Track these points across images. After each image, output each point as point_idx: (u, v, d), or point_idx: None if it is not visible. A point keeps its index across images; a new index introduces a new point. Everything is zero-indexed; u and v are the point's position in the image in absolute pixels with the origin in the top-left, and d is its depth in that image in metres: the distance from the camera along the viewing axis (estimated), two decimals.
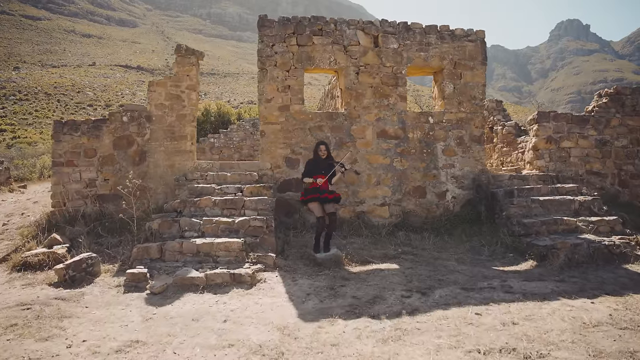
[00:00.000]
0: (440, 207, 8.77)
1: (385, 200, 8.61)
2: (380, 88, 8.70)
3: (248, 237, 6.42)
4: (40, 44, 76.60)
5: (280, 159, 8.45)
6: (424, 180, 8.75)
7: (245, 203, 7.01)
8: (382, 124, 8.69)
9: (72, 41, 79.05)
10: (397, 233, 8.24)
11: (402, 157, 8.70)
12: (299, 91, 8.53)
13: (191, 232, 6.47)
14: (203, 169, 8.38)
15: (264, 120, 8.47)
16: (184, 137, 8.40)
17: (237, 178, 7.98)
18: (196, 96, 8.57)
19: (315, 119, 8.55)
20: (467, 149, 8.90)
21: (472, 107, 8.95)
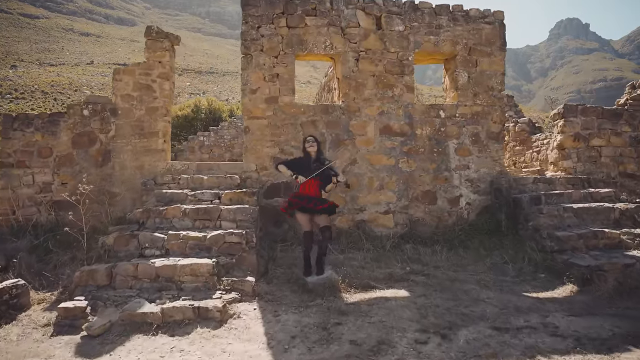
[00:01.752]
0: (452, 214, 7.48)
1: (389, 207, 7.32)
2: (383, 77, 7.40)
3: (223, 256, 5.14)
4: (38, 42, 75.25)
5: (267, 159, 7.17)
6: (434, 183, 7.46)
7: (222, 213, 5.72)
8: (385, 118, 7.40)
9: (71, 40, 77.73)
10: (404, 246, 6.95)
11: (409, 157, 7.41)
12: (289, 80, 7.24)
13: (152, 249, 5.19)
14: (177, 171, 7.09)
15: (248, 114, 7.18)
16: (155, 133, 7.11)
17: (215, 182, 6.69)
18: (170, 86, 7.28)
19: (307, 112, 7.26)
20: (483, 148, 7.61)
21: (490, 99, 7.66)
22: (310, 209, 5.21)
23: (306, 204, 5.20)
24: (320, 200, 5.31)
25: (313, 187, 5.35)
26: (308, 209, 5.22)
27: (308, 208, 5.21)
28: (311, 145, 5.49)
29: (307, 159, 5.42)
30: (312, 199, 5.25)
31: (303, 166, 5.36)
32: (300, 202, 5.23)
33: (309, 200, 5.23)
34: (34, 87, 51.40)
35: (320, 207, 5.23)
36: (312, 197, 5.27)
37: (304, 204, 5.20)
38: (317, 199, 5.29)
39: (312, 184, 5.32)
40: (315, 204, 5.22)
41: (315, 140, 5.55)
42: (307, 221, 5.32)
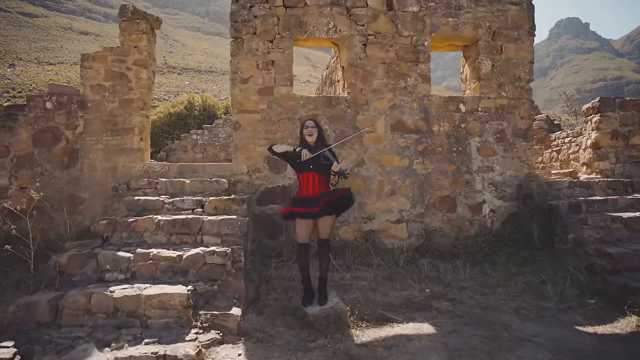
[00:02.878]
0: (474, 223, 6.42)
1: (402, 215, 6.26)
2: (395, 65, 6.34)
3: (202, 281, 4.08)
4: (37, 41, 74.06)
5: (261, 159, 6.10)
6: (454, 188, 6.40)
7: (204, 225, 4.66)
8: (397, 112, 6.34)
9: (70, 38, 76.56)
10: (420, 261, 5.89)
11: (425, 157, 6.35)
12: (285, 68, 6.17)
13: (114, 273, 4.12)
14: (155, 173, 6.02)
15: (239, 107, 6.11)
16: (130, 130, 6.04)
17: (199, 187, 5.62)
18: (149, 75, 6.21)
19: (307, 105, 6.19)
20: (509, 147, 6.54)
21: (516, 91, 6.59)
22: (313, 214, 4.12)
23: (304, 209, 4.11)
24: (325, 194, 4.20)
25: (313, 183, 4.24)
26: (310, 215, 4.13)
27: (310, 213, 4.11)
28: (310, 132, 4.31)
29: (305, 146, 4.33)
30: (314, 200, 4.14)
31: (300, 157, 4.28)
32: (296, 207, 4.15)
33: (308, 203, 4.13)
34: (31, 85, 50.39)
35: (323, 202, 4.09)
36: (315, 198, 4.17)
37: (302, 209, 4.11)
38: (318, 196, 4.18)
39: (314, 180, 4.23)
40: (316, 203, 4.11)
41: (315, 126, 4.37)
42: (305, 230, 4.23)
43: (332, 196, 4.18)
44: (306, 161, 4.17)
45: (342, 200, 4.25)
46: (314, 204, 4.10)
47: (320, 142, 4.37)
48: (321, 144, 4.34)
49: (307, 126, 4.36)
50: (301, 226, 4.23)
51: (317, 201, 4.11)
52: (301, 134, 4.39)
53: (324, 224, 4.19)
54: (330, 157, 4.17)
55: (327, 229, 4.21)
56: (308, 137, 4.31)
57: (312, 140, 4.32)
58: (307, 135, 4.32)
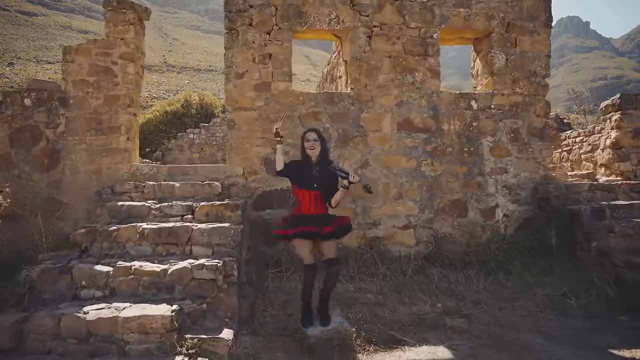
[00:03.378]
0: (487, 229, 5.95)
1: (409, 220, 5.79)
2: (402, 59, 5.86)
3: (189, 299, 3.60)
4: (36, 39, 73.58)
5: (258, 161, 5.63)
6: (465, 191, 5.93)
7: (194, 234, 4.18)
8: (405, 110, 5.86)
9: (69, 37, 75.99)
10: (429, 270, 5.43)
11: (434, 158, 5.88)
12: (284, 62, 5.69)
13: (91, 289, 3.65)
14: (143, 176, 5.55)
15: (234, 104, 5.63)
16: (116, 129, 5.56)
17: (190, 190, 5.15)
18: (136, 70, 5.73)
19: (308, 102, 5.72)
20: (524, 147, 6.07)
21: (532, 87, 6.11)
22: (315, 234, 3.66)
23: (308, 228, 3.65)
24: (326, 219, 3.76)
25: (316, 203, 3.79)
26: (311, 235, 3.67)
27: (312, 233, 3.66)
28: (312, 146, 3.78)
29: (306, 163, 3.87)
30: (316, 219, 3.70)
31: (302, 173, 3.81)
32: (300, 226, 3.68)
33: (311, 221, 3.68)
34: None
35: (328, 230, 3.67)
36: (316, 217, 3.72)
37: (305, 229, 3.65)
38: (322, 217, 3.75)
39: (315, 199, 3.77)
40: (321, 226, 3.66)
41: (318, 138, 3.83)
42: (309, 250, 3.78)
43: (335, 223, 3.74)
44: (310, 178, 3.72)
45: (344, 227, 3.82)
46: (320, 224, 3.65)
47: (323, 158, 3.85)
48: (323, 160, 3.84)
49: (308, 139, 3.82)
50: (303, 246, 3.76)
51: (323, 221, 3.66)
52: (302, 146, 3.87)
53: (326, 246, 3.73)
54: (343, 169, 3.64)
55: (331, 248, 3.74)
56: (310, 150, 3.80)
57: (314, 155, 3.81)
58: (309, 149, 3.80)
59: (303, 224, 3.65)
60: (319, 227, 3.63)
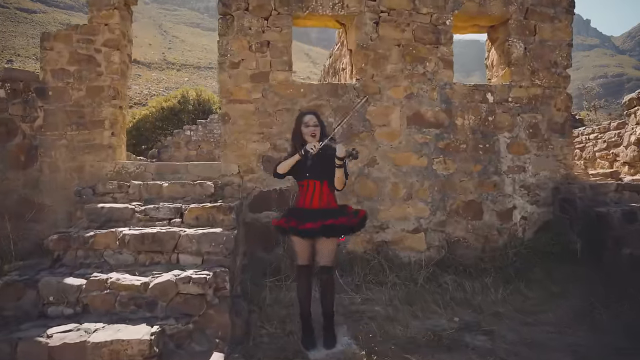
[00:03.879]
0: (503, 233, 5.45)
1: (420, 223, 5.29)
2: (412, 47, 5.35)
3: (173, 317, 3.11)
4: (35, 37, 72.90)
5: (254, 158, 5.12)
6: (480, 191, 5.43)
7: (181, 241, 3.68)
8: (415, 103, 5.35)
9: None
10: (442, 278, 4.94)
11: (447, 155, 5.37)
12: (283, 51, 5.18)
13: (60, 306, 3.15)
14: (129, 174, 5.04)
15: (228, 96, 5.12)
16: (100, 123, 5.06)
17: (179, 191, 4.64)
18: (122, 59, 5.22)
19: (309, 94, 5.21)
20: (544, 144, 5.57)
21: (552, 79, 5.61)
22: (310, 231, 3.17)
23: (304, 226, 3.15)
24: (328, 213, 3.24)
25: (316, 194, 3.28)
26: (306, 232, 3.18)
27: (307, 231, 3.17)
28: (313, 133, 3.28)
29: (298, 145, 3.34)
30: (315, 214, 3.19)
31: (297, 164, 3.29)
32: (293, 220, 3.21)
33: (309, 216, 3.18)
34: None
35: (328, 223, 3.15)
36: (316, 211, 3.22)
37: (297, 225, 3.17)
38: (323, 211, 3.23)
39: (314, 189, 3.26)
40: (318, 218, 3.16)
41: (318, 124, 3.34)
42: (305, 249, 3.28)
43: (337, 216, 3.21)
44: (302, 167, 3.22)
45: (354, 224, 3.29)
46: (312, 219, 3.15)
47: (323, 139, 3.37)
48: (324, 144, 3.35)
49: (307, 123, 3.31)
50: (299, 245, 3.29)
51: (316, 216, 3.16)
52: (298, 132, 3.35)
53: (323, 245, 3.21)
54: (333, 145, 3.16)
55: (328, 252, 3.23)
56: (310, 138, 3.28)
57: (313, 139, 3.31)
58: (310, 135, 3.28)
59: (296, 218, 3.16)
60: (321, 221, 3.12)
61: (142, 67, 62.63)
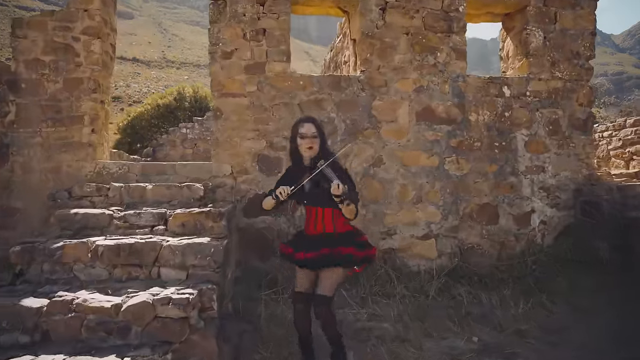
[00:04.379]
0: (521, 239, 4.97)
1: (430, 228, 4.80)
2: (421, 36, 4.86)
3: (149, 346, 2.62)
4: None
5: (249, 157, 4.63)
6: (495, 193, 4.94)
7: (162, 253, 3.19)
8: (425, 97, 4.86)
9: None
10: (455, 289, 4.46)
11: (459, 154, 4.89)
12: (281, 40, 4.68)
13: (14, 333, 2.66)
14: (111, 175, 4.55)
15: (220, 89, 4.63)
16: (79, 119, 4.56)
17: (165, 194, 4.15)
18: (104, 49, 4.72)
19: (309, 87, 4.72)
20: (565, 142, 5.08)
21: (574, 71, 5.12)
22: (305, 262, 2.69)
23: (306, 255, 2.68)
24: (332, 240, 2.74)
25: (319, 219, 2.77)
26: (301, 262, 2.70)
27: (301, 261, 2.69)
28: (310, 144, 2.72)
29: (298, 165, 2.83)
30: (319, 242, 2.71)
31: (293, 178, 2.76)
32: (292, 248, 2.73)
33: (309, 243, 2.70)
34: None
35: (328, 252, 2.67)
36: (321, 238, 2.73)
37: (301, 254, 2.69)
38: (328, 237, 2.75)
39: (317, 214, 2.77)
40: (320, 246, 2.68)
41: (317, 134, 2.75)
42: (303, 276, 2.81)
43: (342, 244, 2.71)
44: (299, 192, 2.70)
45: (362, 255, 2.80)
46: (313, 247, 2.69)
47: (324, 152, 2.79)
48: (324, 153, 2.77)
49: (304, 134, 2.72)
50: (299, 272, 2.84)
51: (317, 243, 2.69)
52: (293, 142, 2.81)
53: (325, 274, 2.72)
54: (330, 175, 2.56)
55: (328, 283, 2.71)
56: (306, 151, 2.73)
57: (310, 155, 2.75)
58: (306, 148, 2.73)
59: (297, 247, 2.69)
60: (315, 251, 2.65)
61: (142, 65, 62.10)
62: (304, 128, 2.75)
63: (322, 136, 2.79)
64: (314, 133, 2.74)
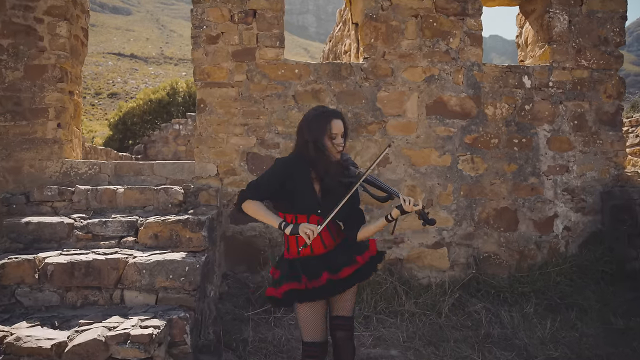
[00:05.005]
0: (543, 247, 4.40)
1: (442, 236, 4.23)
2: (432, 19, 4.27)
3: None
4: None
5: (236, 156, 4.04)
6: (514, 196, 4.37)
7: (127, 272, 2.61)
8: (436, 87, 4.28)
9: None
10: (471, 305, 3.91)
11: (475, 152, 4.31)
12: (273, 22, 4.09)
13: None
14: (80, 176, 3.96)
15: (204, 78, 4.03)
16: (42, 112, 3.97)
17: (139, 198, 3.56)
18: (72, 32, 4.12)
19: (306, 76, 4.12)
20: (591, 138, 4.51)
21: (602, 59, 4.55)
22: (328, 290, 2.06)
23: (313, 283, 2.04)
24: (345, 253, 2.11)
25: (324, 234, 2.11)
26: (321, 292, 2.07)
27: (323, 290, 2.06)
28: (339, 148, 2.10)
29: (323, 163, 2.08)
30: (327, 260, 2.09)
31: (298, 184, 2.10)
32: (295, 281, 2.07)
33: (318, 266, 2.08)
34: None
35: (350, 272, 2.07)
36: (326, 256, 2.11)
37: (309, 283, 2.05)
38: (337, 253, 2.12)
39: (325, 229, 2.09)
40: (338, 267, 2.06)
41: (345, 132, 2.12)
42: (319, 318, 2.10)
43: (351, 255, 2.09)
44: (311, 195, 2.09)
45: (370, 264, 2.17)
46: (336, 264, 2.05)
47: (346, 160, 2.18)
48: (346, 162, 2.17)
49: (334, 134, 2.06)
50: (309, 312, 2.07)
51: (340, 258, 2.07)
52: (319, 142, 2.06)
53: (348, 293, 2.14)
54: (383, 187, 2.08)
55: (351, 301, 2.18)
56: (333, 148, 2.07)
57: (338, 152, 2.11)
58: (336, 152, 2.08)
59: (306, 275, 2.05)
60: (334, 272, 2.05)
61: (139, 61, 61.40)
62: (335, 126, 2.06)
63: (346, 131, 2.14)
64: (343, 131, 2.11)
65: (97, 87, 45.31)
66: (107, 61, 59.11)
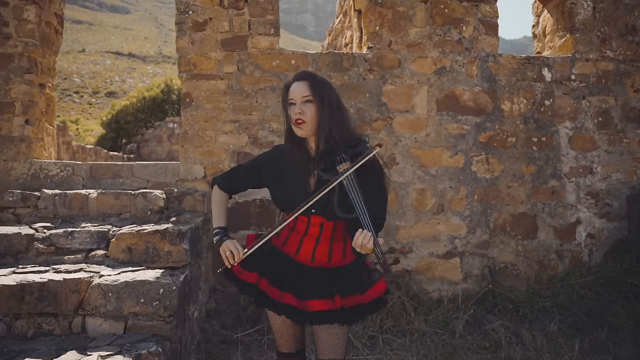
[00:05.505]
0: (564, 256, 3.98)
1: (454, 244, 3.80)
2: (443, 4, 3.83)
3: None
4: None
5: (226, 156, 3.61)
6: (533, 201, 3.94)
7: (89, 295, 2.18)
8: (448, 80, 3.84)
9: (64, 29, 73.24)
10: (488, 322, 3.48)
11: (490, 152, 3.88)
12: (267, 7, 3.65)
13: None
14: (50, 178, 3.52)
15: (190, 69, 3.60)
16: (7, 106, 3.52)
17: (113, 205, 3.12)
18: (42, 17, 3.67)
19: (304, 67, 3.68)
20: (616, 137, 4.08)
21: (629, 49, 4.12)
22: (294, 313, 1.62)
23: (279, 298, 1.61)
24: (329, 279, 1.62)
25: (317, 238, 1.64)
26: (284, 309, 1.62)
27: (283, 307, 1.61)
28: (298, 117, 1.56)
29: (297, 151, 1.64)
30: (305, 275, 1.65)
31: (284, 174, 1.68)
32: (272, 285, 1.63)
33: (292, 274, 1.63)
34: None
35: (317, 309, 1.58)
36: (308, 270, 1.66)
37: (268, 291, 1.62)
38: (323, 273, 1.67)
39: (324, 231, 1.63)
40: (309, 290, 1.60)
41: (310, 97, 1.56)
42: (289, 330, 1.72)
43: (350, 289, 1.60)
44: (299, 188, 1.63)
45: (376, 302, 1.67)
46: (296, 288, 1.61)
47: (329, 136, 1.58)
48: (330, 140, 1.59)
49: (292, 99, 1.60)
50: (280, 322, 1.70)
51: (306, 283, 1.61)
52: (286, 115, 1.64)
53: (329, 332, 1.63)
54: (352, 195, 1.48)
55: (334, 344, 1.62)
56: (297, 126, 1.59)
57: (304, 133, 1.61)
58: (295, 122, 1.58)
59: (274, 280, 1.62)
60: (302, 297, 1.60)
61: (138, 60, 60.89)
62: (292, 91, 1.61)
63: (322, 99, 1.58)
64: (306, 96, 1.58)
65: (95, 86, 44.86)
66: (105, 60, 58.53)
